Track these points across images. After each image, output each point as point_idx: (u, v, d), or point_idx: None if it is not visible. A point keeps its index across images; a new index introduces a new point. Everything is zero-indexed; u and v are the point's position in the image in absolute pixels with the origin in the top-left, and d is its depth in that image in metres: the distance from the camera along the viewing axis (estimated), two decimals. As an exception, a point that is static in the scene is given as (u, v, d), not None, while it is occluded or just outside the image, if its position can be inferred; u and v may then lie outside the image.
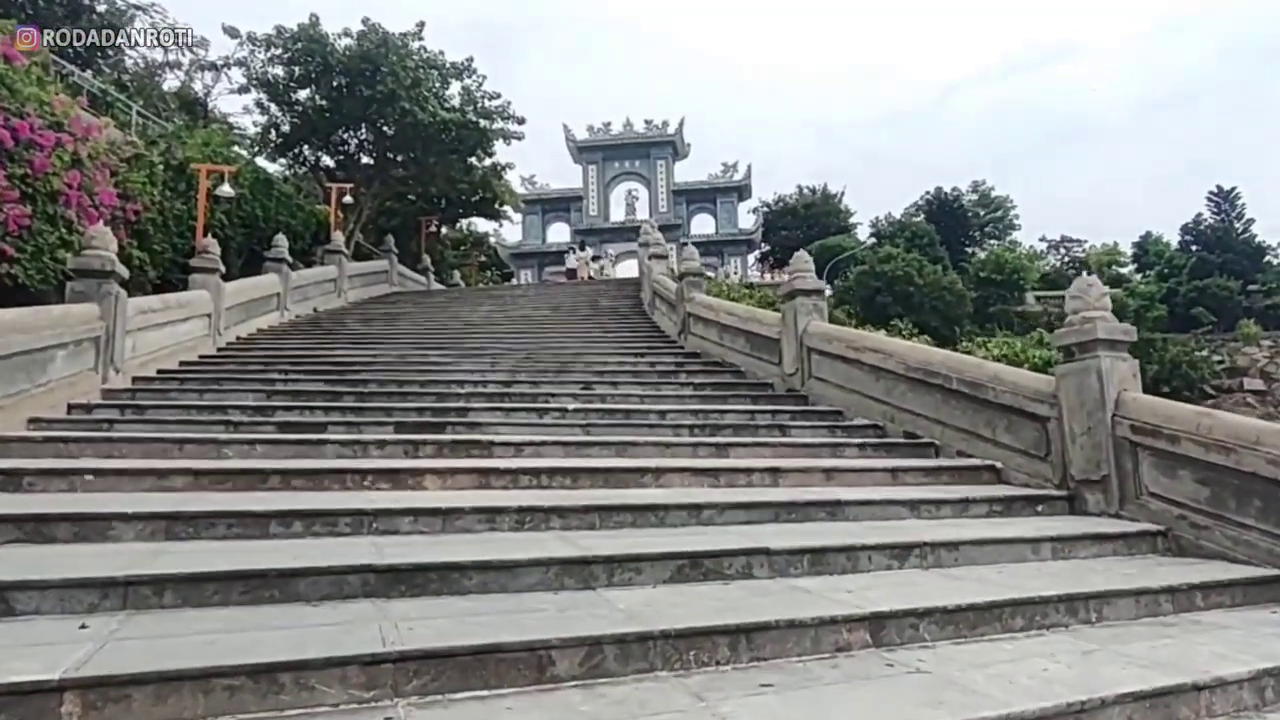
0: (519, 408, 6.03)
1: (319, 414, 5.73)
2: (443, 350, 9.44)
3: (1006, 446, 4.53)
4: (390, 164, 18.79)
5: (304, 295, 13.49)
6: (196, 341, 9.10)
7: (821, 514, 3.73)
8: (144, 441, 4.49)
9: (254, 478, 3.82)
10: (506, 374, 7.88)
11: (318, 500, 3.47)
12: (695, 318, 9.77)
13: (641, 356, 9.20)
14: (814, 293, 7.02)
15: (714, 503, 3.60)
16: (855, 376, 6.05)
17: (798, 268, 7.13)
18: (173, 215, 10.98)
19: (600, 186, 38.38)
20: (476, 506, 3.30)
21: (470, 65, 18.00)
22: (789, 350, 7.08)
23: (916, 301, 26.87)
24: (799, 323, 6.92)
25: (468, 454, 4.63)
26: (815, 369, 6.74)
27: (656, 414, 5.94)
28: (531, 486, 3.99)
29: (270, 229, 13.46)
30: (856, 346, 6.03)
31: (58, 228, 8.06)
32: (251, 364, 8.49)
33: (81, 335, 6.39)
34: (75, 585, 2.23)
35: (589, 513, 3.42)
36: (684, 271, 10.35)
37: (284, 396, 6.46)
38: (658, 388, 7.42)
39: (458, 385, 7.19)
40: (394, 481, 3.88)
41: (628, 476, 4.15)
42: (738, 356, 8.33)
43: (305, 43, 16.32)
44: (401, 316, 13.10)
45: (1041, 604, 2.54)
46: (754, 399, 6.88)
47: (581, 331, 11.28)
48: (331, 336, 10.83)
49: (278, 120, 17.95)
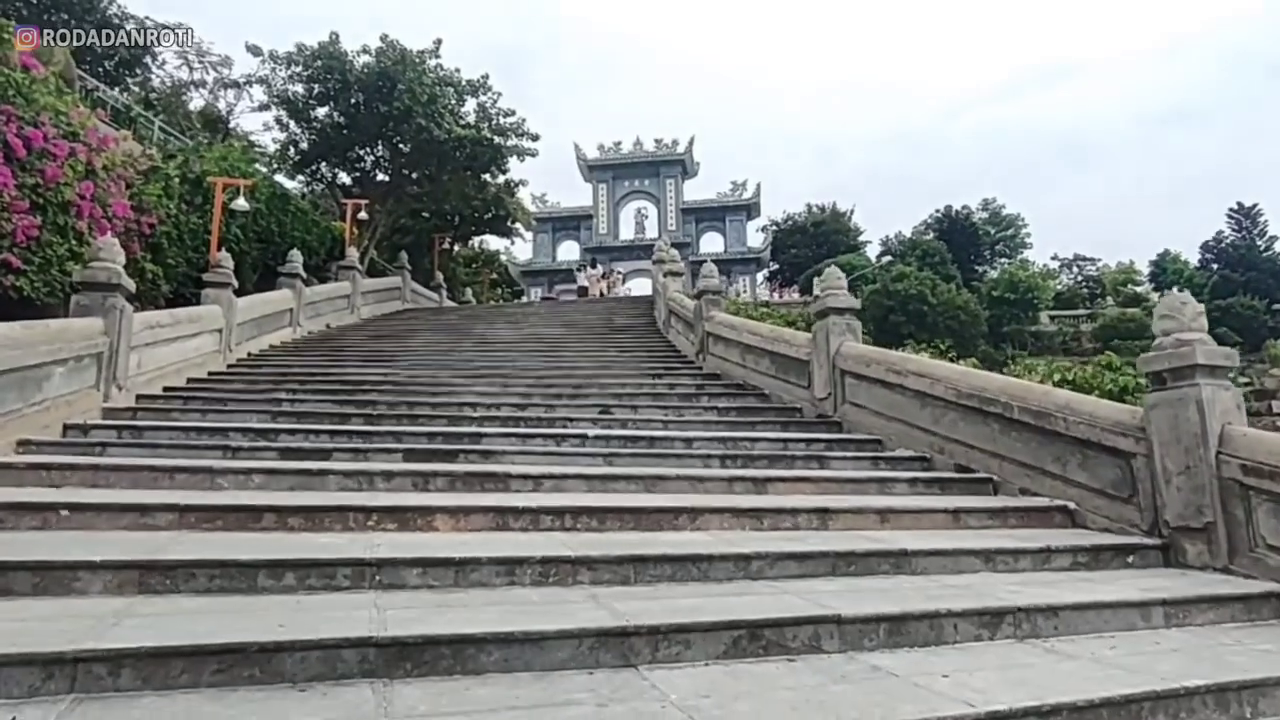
0: (535, 433, 5.63)
1: (324, 438, 5.37)
2: (454, 370, 9.11)
3: (1081, 485, 4.06)
4: (405, 181, 18.75)
5: (317, 311, 13.29)
6: (206, 358, 8.84)
7: (885, 565, 3.28)
8: (133, 470, 4.14)
9: (246, 515, 3.44)
10: (520, 396, 7.51)
11: (315, 545, 3.07)
12: (715, 337, 9.38)
13: (659, 378, 8.81)
14: (847, 311, 6.61)
15: (764, 553, 3.16)
16: (897, 403, 5.60)
17: (829, 284, 6.73)
18: (188, 229, 10.83)
19: (610, 205, 38.46)
20: (494, 557, 2.89)
21: (486, 82, 17.99)
22: (820, 373, 6.65)
23: (930, 321, 26.39)
24: (831, 343, 6.50)
25: (482, 488, 4.23)
26: (850, 393, 6.29)
27: (682, 441, 5.52)
28: (554, 528, 3.58)
29: (285, 244, 13.33)
30: (898, 370, 5.59)
31: (68, 239, 7.87)
32: (260, 382, 8.19)
33: (82, 351, 6.10)
34: (15, 663, 1.85)
35: (622, 564, 3.00)
36: (702, 290, 9.98)
37: (289, 418, 6.11)
38: (680, 412, 7.01)
39: (470, 408, 6.82)
40: (401, 521, 3.48)
41: (660, 517, 3.72)
42: (762, 379, 7.91)
43: (325, 60, 16.39)
44: (413, 334, 12.82)
45: (1187, 696, 2.07)
46: (784, 425, 6.44)
47: (596, 351, 10.92)
48: (343, 354, 10.55)
49: (296, 137, 18.02)
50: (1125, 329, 26.32)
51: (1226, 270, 29.56)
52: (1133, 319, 26.62)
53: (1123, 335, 26.17)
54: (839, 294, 6.64)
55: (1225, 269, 29.67)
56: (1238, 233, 32.33)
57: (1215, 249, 31.58)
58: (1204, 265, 31.73)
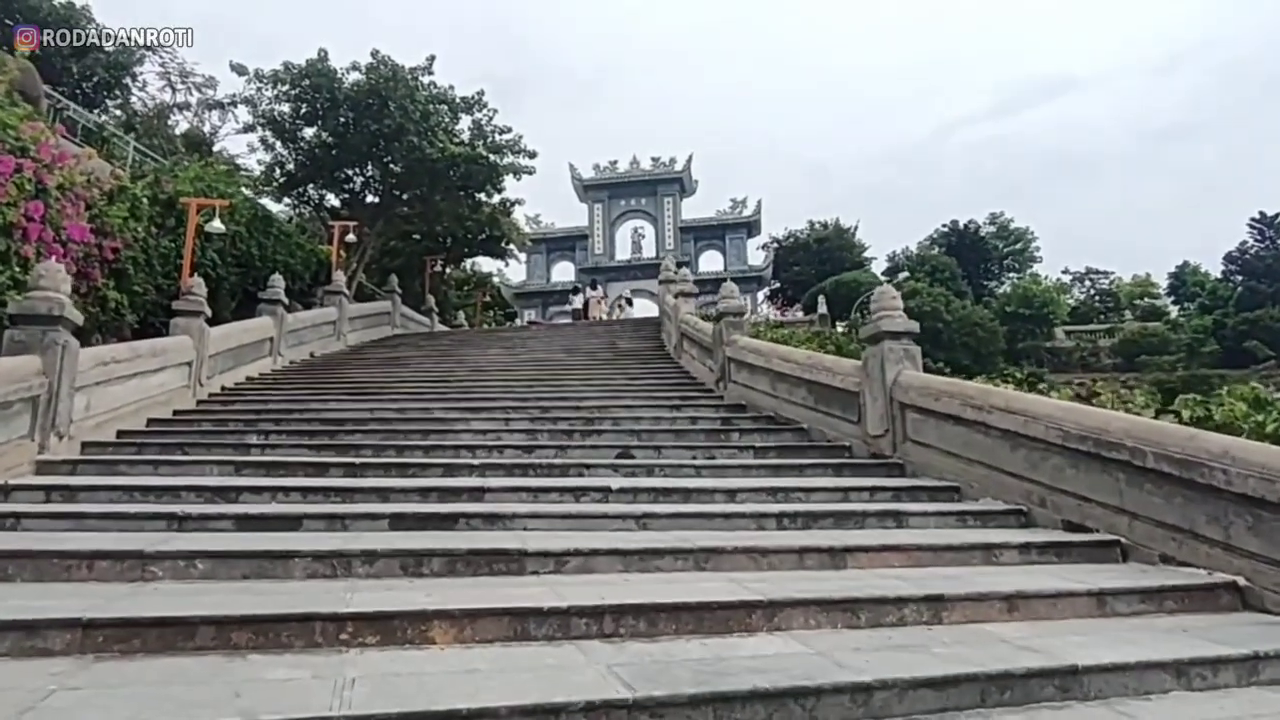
0: (548, 486, 4.72)
1: (295, 498, 4.44)
2: (449, 402, 8.20)
3: (1253, 555, 3.22)
4: (396, 202, 18.01)
5: (300, 339, 12.38)
6: (172, 394, 7.90)
7: (1049, 688, 2.40)
8: (40, 557, 3.20)
9: (176, 631, 2.52)
10: (525, 434, 6.61)
11: (264, 682, 2.17)
12: (737, 364, 8.55)
13: (678, 410, 7.94)
14: (904, 335, 5.80)
15: (888, 680, 2.28)
16: (977, 443, 4.76)
17: (883, 304, 5.92)
18: (158, 253, 9.96)
19: (606, 224, 37.98)
20: (519, 707, 2.00)
21: (481, 99, 17.39)
22: (874, 406, 5.82)
23: (946, 339, 25.84)
24: (887, 372, 5.68)
25: (490, 569, 3.32)
26: (913, 430, 5.45)
27: (724, 494, 4.64)
28: (591, 635, 2.68)
29: (267, 269, 12.48)
30: (978, 405, 4.75)
31: (10, 265, 6.97)
32: (231, 422, 7.25)
33: (13, 395, 5.17)
34: None
35: (698, 707, 2.11)
36: (722, 311, 9.18)
37: (256, 471, 5.18)
38: (710, 454, 6.12)
39: (468, 451, 5.91)
40: (385, 634, 2.58)
41: (728, 615, 2.83)
42: (797, 410, 7.06)
43: (314, 78, 15.74)
44: (404, 362, 11.92)
45: None
46: (836, 469, 5.56)
47: (603, 379, 10.05)
48: (326, 386, 9.62)
49: (283, 158, 17.28)
50: (1148, 344, 25.65)
51: (1252, 281, 28.98)
52: (1155, 334, 25.99)
53: (1147, 350, 25.48)
54: (894, 315, 5.83)
55: (1251, 280, 29.07)
56: (1261, 242, 31.84)
57: (1239, 260, 31.02)
58: (1227, 277, 31.23)
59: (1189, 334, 26.99)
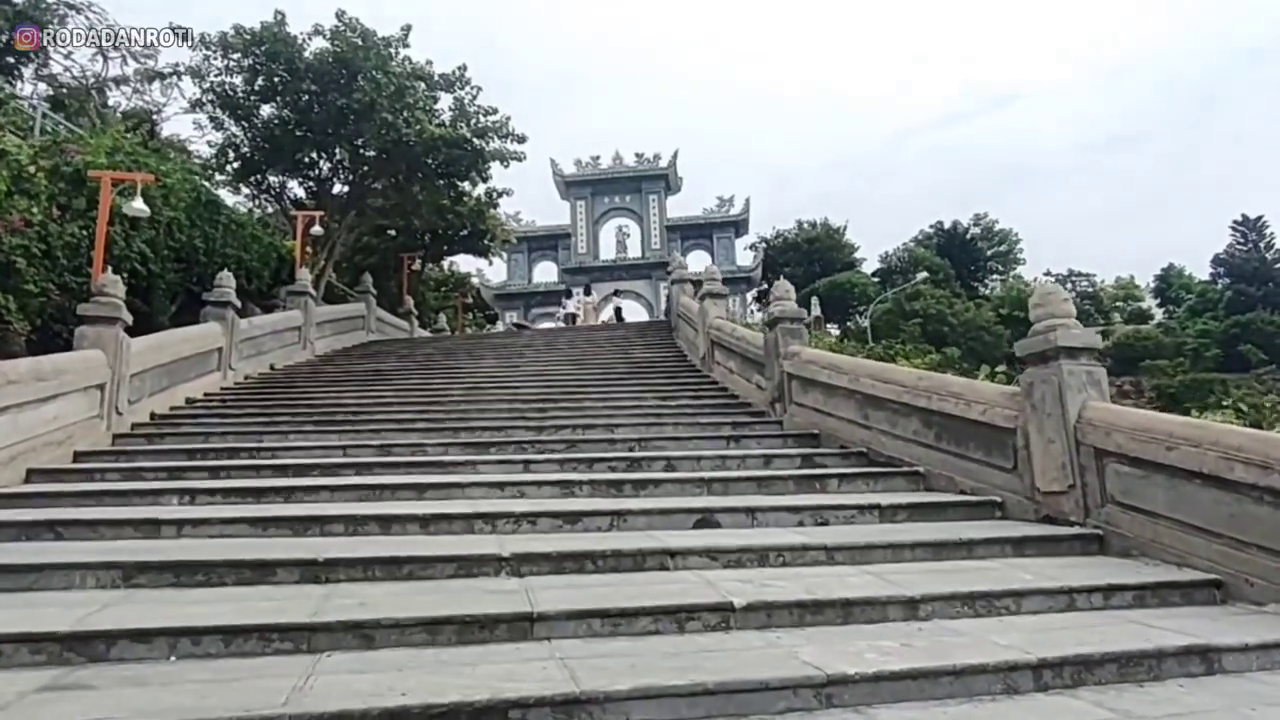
0: (625, 609, 3.00)
1: (215, 644, 2.64)
2: (445, 435, 6.38)
3: None
4: (368, 191, 15.94)
5: (257, 348, 10.35)
6: (74, 429, 5.96)
7: None
8: None
9: None
10: (557, 486, 4.87)
11: None
12: (803, 381, 6.94)
13: (735, 442, 6.32)
14: (1084, 352, 4.24)
15: None
16: (1256, 518, 3.23)
17: (1052, 310, 4.33)
18: (62, 243, 7.89)
19: (589, 223, 36.25)
20: None
21: (463, 75, 15.44)
22: (1045, 450, 4.25)
23: (950, 341, 24.85)
24: (1067, 404, 4.11)
25: None
26: (1120, 489, 3.89)
27: (901, 606, 3.00)
28: None
29: (215, 265, 10.43)
30: (1264, 464, 3.20)
31: None
32: (145, 472, 5.34)
33: None
34: None
35: None
36: (776, 317, 7.55)
37: (161, 577, 3.33)
38: (819, 515, 4.44)
39: (485, 524, 4.11)
40: None
41: None
42: (906, 448, 5.45)
43: (270, 44, 13.59)
44: (382, 376, 9.99)
45: None
46: (1016, 545, 3.90)
47: (630, 400, 8.32)
48: (286, 411, 7.68)
49: (236, 139, 15.06)
50: (1143, 348, 25.14)
51: (1240, 285, 28.88)
52: (1149, 337, 25.50)
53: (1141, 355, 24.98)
54: (1068, 325, 4.25)
55: (1239, 283, 28.96)
56: (1243, 246, 31.88)
57: (1227, 263, 30.97)
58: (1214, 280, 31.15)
59: (1193, 338, 26.66)
